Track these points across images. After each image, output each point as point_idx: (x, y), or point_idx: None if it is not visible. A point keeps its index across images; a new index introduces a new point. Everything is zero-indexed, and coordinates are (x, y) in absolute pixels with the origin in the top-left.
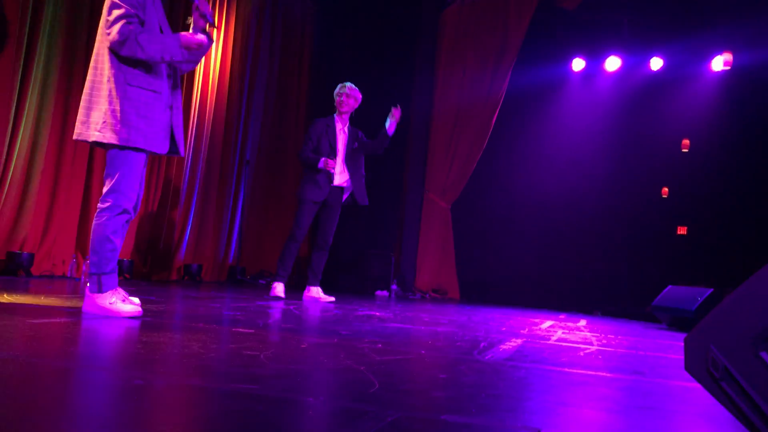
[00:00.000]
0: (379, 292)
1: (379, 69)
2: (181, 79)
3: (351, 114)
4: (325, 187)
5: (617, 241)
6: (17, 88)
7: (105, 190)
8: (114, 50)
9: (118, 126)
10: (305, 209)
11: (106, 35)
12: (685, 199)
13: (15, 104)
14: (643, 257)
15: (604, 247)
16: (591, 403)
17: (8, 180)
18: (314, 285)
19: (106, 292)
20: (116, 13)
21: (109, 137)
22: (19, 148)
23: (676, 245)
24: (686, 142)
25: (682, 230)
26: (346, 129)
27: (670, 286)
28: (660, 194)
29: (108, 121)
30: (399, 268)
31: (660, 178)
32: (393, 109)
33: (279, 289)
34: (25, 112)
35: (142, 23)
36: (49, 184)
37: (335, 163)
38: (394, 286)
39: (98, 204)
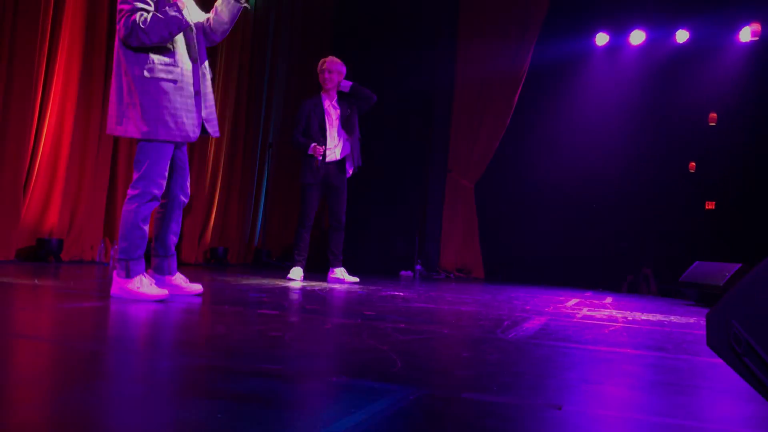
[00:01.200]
0: (403, 272)
1: (400, 46)
2: (209, 63)
3: (338, 88)
4: (319, 169)
5: (644, 217)
6: (44, 76)
7: (135, 177)
8: (126, 44)
9: (139, 120)
10: (305, 194)
11: (118, 30)
12: (712, 173)
13: (41, 93)
14: (670, 233)
15: (631, 223)
16: (614, 380)
17: (36, 168)
18: (337, 266)
19: (134, 277)
20: (126, 9)
21: (131, 132)
22: (45, 137)
23: (703, 220)
24: (713, 115)
25: (710, 205)
26: (335, 103)
27: (697, 262)
28: (687, 169)
29: (129, 115)
30: (423, 247)
31: (687, 153)
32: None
33: (295, 273)
34: (50, 101)
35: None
36: (75, 171)
37: (323, 148)
38: (418, 266)
39: (128, 191)
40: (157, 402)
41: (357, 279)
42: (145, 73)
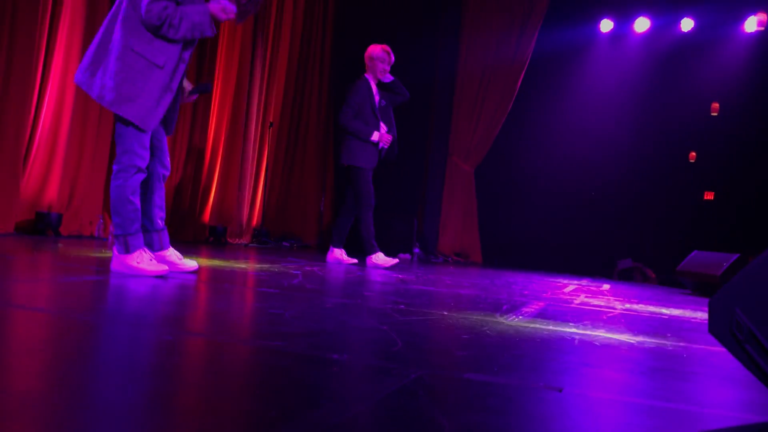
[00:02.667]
0: (401, 255)
1: (403, 30)
2: (201, 44)
3: None
4: (375, 155)
5: (643, 205)
6: (45, 49)
7: (117, 151)
8: (144, 24)
9: (110, 89)
10: (367, 177)
11: (139, 4)
12: (713, 164)
13: (42, 66)
14: (668, 222)
15: (630, 211)
16: (613, 365)
17: (36, 141)
18: (338, 246)
19: (133, 252)
20: None
21: (98, 94)
22: (45, 110)
23: (702, 210)
24: (716, 105)
25: (709, 195)
26: (377, 90)
27: (695, 252)
28: (687, 159)
29: (99, 75)
30: (422, 231)
31: (688, 143)
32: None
33: (383, 257)
34: (51, 74)
35: (177, 4)
36: (75, 145)
37: (389, 137)
38: (416, 250)
39: (113, 167)
40: (157, 374)
41: (356, 260)
42: (133, 45)
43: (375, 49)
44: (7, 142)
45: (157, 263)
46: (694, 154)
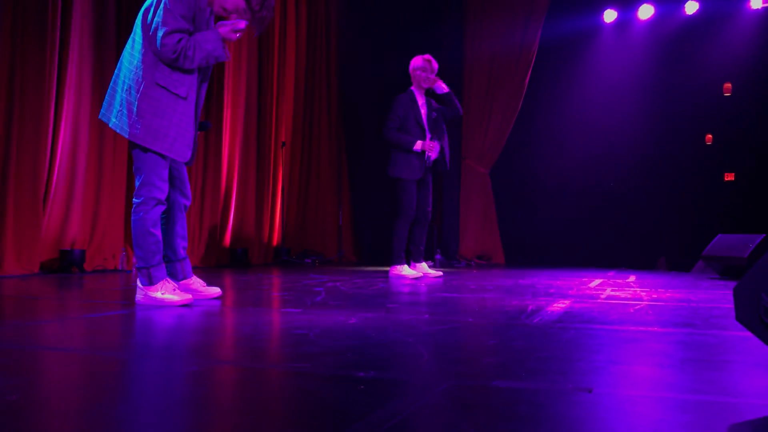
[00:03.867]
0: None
1: (407, 28)
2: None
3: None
4: (421, 166)
5: (662, 193)
6: (55, 89)
7: (137, 184)
8: (159, 57)
9: (132, 121)
10: (409, 189)
11: (154, 39)
12: (730, 144)
13: (54, 105)
14: (690, 207)
15: (650, 200)
16: (642, 359)
17: (54, 180)
18: (419, 261)
19: (156, 284)
20: (171, 25)
21: (121, 129)
22: (61, 148)
23: (723, 193)
24: (728, 85)
25: (729, 176)
26: (424, 102)
27: (719, 235)
28: (704, 141)
29: (124, 112)
30: (441, 237)
31: (703, 125)
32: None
33: (408, 269)
34: (64, 112)
35: (190, 34)
36: (93, 181)
37: (434, 144)
38: (438, 256)
39: (132, 200)
40: (187, 406)
41: (441, 274)
42: (157, 80)
43: (416, 60)
44: (26, 183)
45: (181, 292)
46: (710, 136)
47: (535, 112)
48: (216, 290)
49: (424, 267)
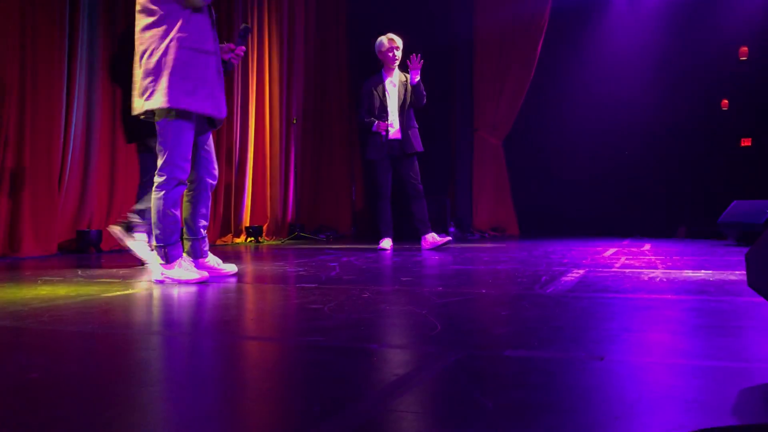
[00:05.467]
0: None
1: (418, 0)
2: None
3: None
4: (383, 145)
5: (677, 160)
6: (66, 71)
7: (159, 163)
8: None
9: (166, 89)
10: (376, 168)
11: None
12: (747, 109)
13: (66, 87)
14: (705, 174)
15: (665, 167)
16: (655, 327)
17: (69, 161)
18: (427, 233)
19: (173, 262)
20: None
21: (155, 101)
22: (75, 130)
23: (739, 158)
24: (744, 49)
25: (746, 142)
26: (395, 81)
27: (735, 201)
28: (720, 107)
29: (154, 87)
30: (455, 210)
31: (719, 90)
32: (410, 58)
33: (386, 243)
34: (76, 93)
35: None
36: (107, 160)
37: (387, 123)
38: (451, 229)
39: (154, 179)
40: (207, 380)
41: (450, 238)
42: (181, 43)
43: (378, 42)
44: (41, 165)
45: (197, 270)
46: (726, 101)
47: (548, 82)
48: (232, 267)
49: (433, 237)
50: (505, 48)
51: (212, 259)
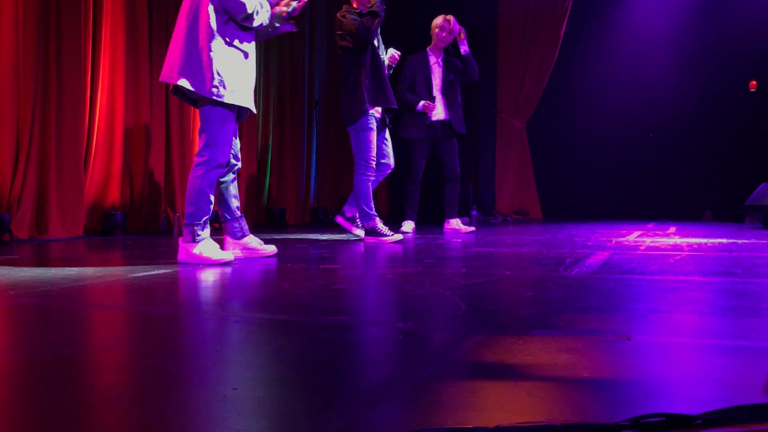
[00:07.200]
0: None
1: None
2: None
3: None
4: (424, 125)
5: (704, 142)
6: (90, 54)
7: (200, 144)
8: (231, 15)
9: (213, 80)
10: (414, 149)
11: None
12: None
13: (90, 70)
14: (734, 157)
15: (691, 150)
16: (682, 308)
17: (94, 145)
18: (452, 217)
19: (199, 242)
20: None
21: (199, 87)
22: (99, 113)
23: (766, 140)
24: None
25: None
26: (440, 61)
27: (763, 184)
28: (748, 88)
29: (203, 73)
30: (477, 193)
31: (747, 72)
32: (460, 31)
33: (407, 225)
34: (100, 77)
35: None
36: (131, 145)
37: (434, 105)
38: (474, 212)
39: (195, 158)
40: (232, 358)
41: (473, 228)
42: (229, 40)
43: (436, 19)
44: (67, 149)
45: (221, 251)
46: (754, 82)
47: (571, 64)
48: (272, 248)
49: (457, 223)
50: (528, 30)
51: (253, 240)
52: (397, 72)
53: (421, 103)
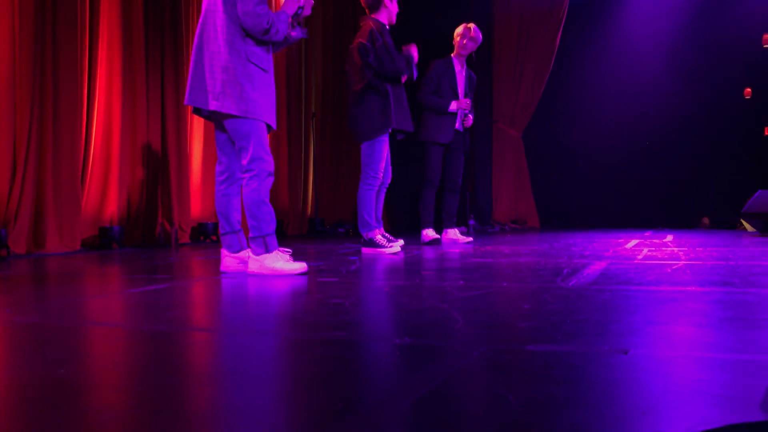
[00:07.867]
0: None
1: None
2: None
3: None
4: (450, 129)
5: (700, 150)
6: (87, 67)
7: (245, 160)
8: (250, 32)
9: (238, 98)
10: (434, 152)
11: (245, 8)
12: None
13: (87, 83)
14: (730, 164)
15: (687, 158)
16: (680, 320)
17: (91, 159)
18: (450, 227)
19: (272, 252)
20: None
21: (227, 107)
22: (95, 128)
23: (763, 147)
24: None
25: None
26: (464, 71)
27: (760, 191)
28: (743, 95)
29: (227, 92)
30: (475, 202)
31: (741, 79)
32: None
33: (431, 233)
34: (97, 90)
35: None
36: (128, 159)
37: (467, 101)
38: (471, 221)
39: (244, 174)
40: (229, 375)
41: (471, 239)
42: (250, 57)
43: (459, 27)
44: (63, 162)
45: (294, 262)
46: (749, 90)
47: (567, 73)
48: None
49: (455, 233)
50: (523, 38)
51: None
52: (420, 75)
53: (454, 103)
